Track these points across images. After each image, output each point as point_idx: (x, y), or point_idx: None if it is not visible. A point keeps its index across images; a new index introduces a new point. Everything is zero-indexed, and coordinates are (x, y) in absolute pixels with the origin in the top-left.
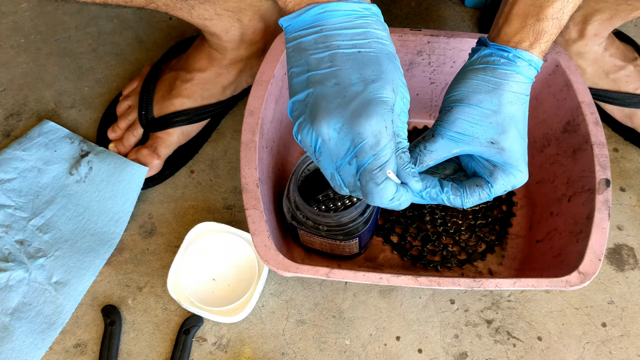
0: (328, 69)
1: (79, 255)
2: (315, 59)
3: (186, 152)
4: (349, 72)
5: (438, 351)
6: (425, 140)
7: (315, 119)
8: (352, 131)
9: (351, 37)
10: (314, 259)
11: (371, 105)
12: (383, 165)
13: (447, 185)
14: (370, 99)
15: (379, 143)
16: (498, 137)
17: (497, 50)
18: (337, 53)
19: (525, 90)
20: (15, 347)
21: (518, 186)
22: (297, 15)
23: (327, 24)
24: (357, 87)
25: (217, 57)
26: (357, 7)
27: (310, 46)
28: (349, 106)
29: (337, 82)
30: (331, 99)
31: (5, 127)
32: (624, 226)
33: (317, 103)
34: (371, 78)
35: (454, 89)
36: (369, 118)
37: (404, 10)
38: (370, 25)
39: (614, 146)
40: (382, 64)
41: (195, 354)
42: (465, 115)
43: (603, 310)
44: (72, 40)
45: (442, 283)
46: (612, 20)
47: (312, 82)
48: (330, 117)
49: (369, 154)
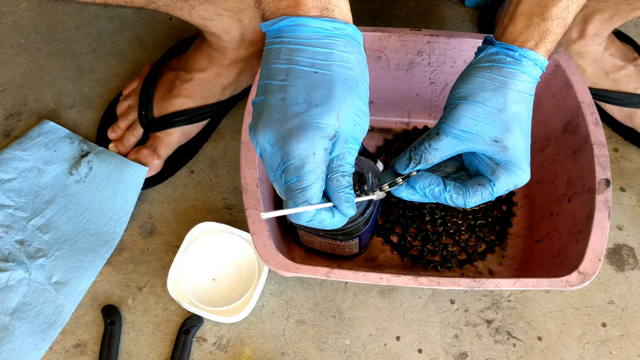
0: (281, 82)
1: (79, 255)
2: (275, 69)
3: (186, 152)
4: (297, 90)
5: (438, 351)
6: (430, 138)
7: (255, 128)
8: (282, 149)
9: (312, 56)
10: (314, 259)
11: (304, 129)
12: (304, 189)
13: (450, 184)
14: (307, 122)
15: (303, 167)
16: (502, 135)
17: (503, 49)
18: (294, 69)
19: (530, 90)
20: (15, 347)
21: (520, 185)
22: (271, 24)
23: (294, 37)
24: (300, 108)
25: (217, 57)
26: (327, 25)
27: (274, 55)
28: (285, 124)
29: (283, 97)
30: (273, 112)
31: (5, 127)
32: (624, 226)
33: (262, 113)
34: (316, 102)
35: (459, 86)
36: (299, 141)
37: (404, 10)
38: (336, 47)
39: (614, 146)
40: (334, 88)
41: (195, 354)
42: (470, 113)
43: (603, 310)
44: (72, 40)
45: (442, 283)
46: (612, 20)
47: (266, 90)
48: (267, 130)
49: (294, 175)
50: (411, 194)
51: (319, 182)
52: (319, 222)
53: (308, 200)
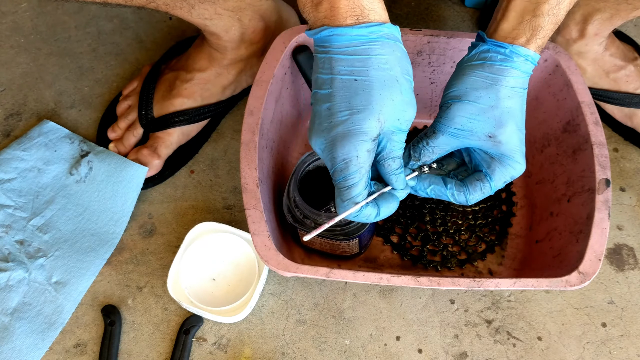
0: (326, 91)
1: (79, 255)
2: (320, 79)
3: (186, 152)
4: (341, 99)
5: (438, 351)
6: (427, 136)
7: (310, 135)
8: (330, 154)
9: (350, 64)
10: (314, 259)
11: (348, 136)
12: (349, 187)
13: (451, 182)
14: (349, 130)
15: (347, 168)
16: (495, 131)
17: (494, 46)
18: (336, 78)
19: (522, 84)
20: (15, 347)
21: (516, 176)
22: (314, 33)
23: (333, 47)
24: (343, 116)
25: (217, 57)
26: (364, 31)
27: (320, 65)
28: (332, 132)
29: (329, 107)
30: (322, 120)
31: (5, 127)
32: (624, 226)
33: (314, 121)
34: (357, 108)
35: (452, 85)
36: (342, 147)
37: (404, 10)
38: (373, 51)
39: (614, 146)
40: (373, 93)
41: (195, 354)
42: (463, 112)
43: (603, 310)
44: (72, 40)
45: (442, 283)
46: (612, 20)
47: (316, 99)
48: (317, 137)
49: (340, 175)
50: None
51: (363, 180)
52: (365, 217)
53: (353, 198)
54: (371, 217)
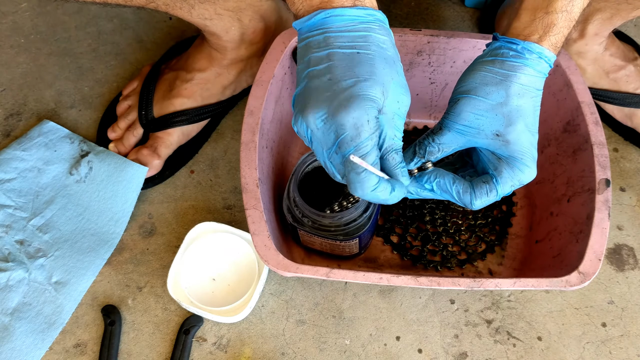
0: (324, 64)
1: (79, 255)
2: (315, 57)
3: (186, 152)
4: (343, 69)
5: (438, 351)
6: (434, 133)
7: (304, 110)
8: (335, 122)
9: (352, 40)
10: (314, 259)
11: (356, 100)
12: (363, 157)
13: (459, 179)
14: (356, 94)
15: (359, 135)
16: (504, 129)
17: (506, 43)
18: (336, 52)
19: (536, 84)
20: (15, 347)
21: (526, 182)
22: (307, 19)
23: (332, 27)
24: (347, 83)
25: (217, 57)
26: (361, 12)
27: (313, 46)
28: (335, 99)
29: (330, 78)
30: (322, 91)
31: (5, 127)
32: (624, 226)
33: (309, 95)
34: (363, 77)
35: (462, 81)
36: (351, 110)
37: (404, 10)
38: (372, 30)
39: (614, 146)
40: (377, 66)
41: (195, 354)
42: (471, 108)
43: (603, 310)
44: (72, 40)
45: (442, 283)
46: (612, 20)
47: (310, 77)
48: (317, 108)
49: (351, 145)
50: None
51: (375, 150)
52: (380, 193)
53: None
54: (385, 193)
